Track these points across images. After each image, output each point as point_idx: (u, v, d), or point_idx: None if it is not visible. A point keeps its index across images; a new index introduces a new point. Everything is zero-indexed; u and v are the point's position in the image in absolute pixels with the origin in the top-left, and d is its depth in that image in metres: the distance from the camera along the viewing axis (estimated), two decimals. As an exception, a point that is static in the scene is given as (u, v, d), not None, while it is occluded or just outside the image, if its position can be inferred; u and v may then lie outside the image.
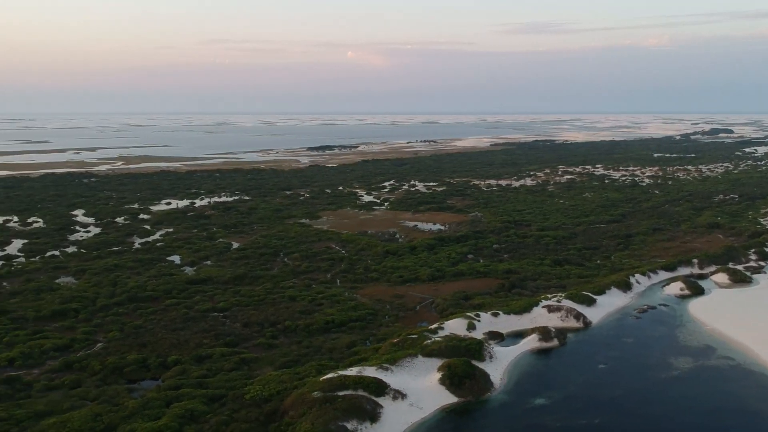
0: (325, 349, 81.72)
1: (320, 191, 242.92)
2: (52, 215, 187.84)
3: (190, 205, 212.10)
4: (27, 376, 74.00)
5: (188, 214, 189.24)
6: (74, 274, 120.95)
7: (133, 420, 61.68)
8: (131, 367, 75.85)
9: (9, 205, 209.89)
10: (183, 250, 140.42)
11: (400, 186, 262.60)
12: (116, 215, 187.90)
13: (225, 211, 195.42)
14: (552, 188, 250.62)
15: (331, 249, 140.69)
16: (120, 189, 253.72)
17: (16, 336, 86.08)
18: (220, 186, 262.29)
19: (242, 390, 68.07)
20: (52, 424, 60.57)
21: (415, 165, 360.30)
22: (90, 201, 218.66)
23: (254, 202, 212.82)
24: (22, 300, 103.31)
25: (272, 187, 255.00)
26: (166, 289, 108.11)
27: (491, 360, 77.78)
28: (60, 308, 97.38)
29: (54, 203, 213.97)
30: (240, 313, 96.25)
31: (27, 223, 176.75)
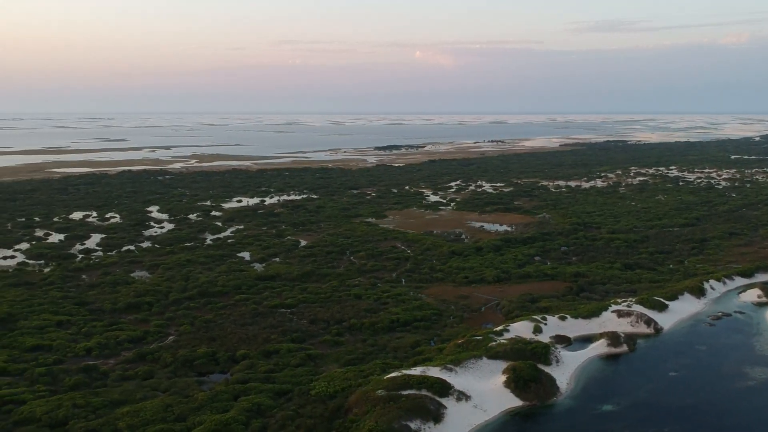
0: (389, 348, 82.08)
1: (387, 191, 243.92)
2: (128, 211, 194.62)
3: (260, 202, 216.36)
4: (103, 365, 76.83)
5: (258, 212, 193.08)
6: (148, 268, 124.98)
7: (202, 412, 63.32)
8: (201, 360, 77.87)
9: (88, 201, 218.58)
10: (253, 246, 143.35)
11: (466, 186, 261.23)
12: (189, 212, 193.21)
13: (293, 209, 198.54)
14: (623, 190, 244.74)
15: (397, 248, 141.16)
16: (193, 186, 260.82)
17: (93, 327, 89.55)
18: (289, 184, 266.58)
19: (308, 386, 69.03)
20: (125, 413, 62.73)
21: (482, 165, 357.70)
22: (164, 198, 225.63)
23: (322, 201, 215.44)
24: (100, 292, 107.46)
25: (339, 186, 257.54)
26: (235, 284, 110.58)
27: (558, 364, 76.58)
28: (135, 301, 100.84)
29: (130, 200, 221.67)
30: (307, 310, 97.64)
31: (105, 219, 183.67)
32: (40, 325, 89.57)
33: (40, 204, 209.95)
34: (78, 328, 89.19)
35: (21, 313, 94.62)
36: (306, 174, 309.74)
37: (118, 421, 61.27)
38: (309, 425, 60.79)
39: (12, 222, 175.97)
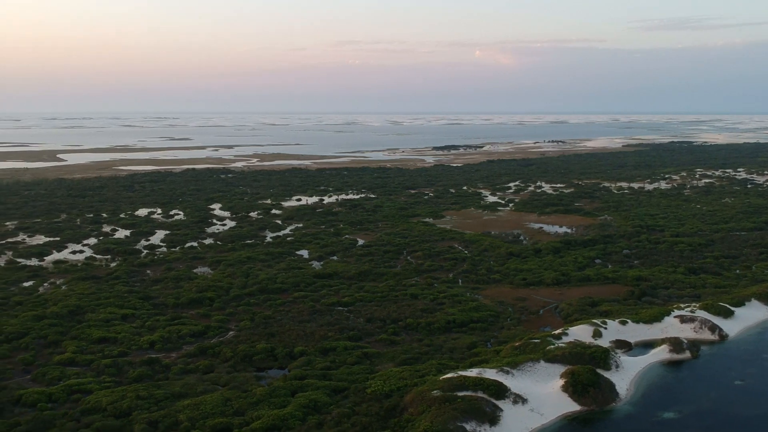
0: (445, 349, 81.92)
1: (444, 191, 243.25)
2: (191, 208, 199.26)
3: (319, 201, 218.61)
4: (165, 358, 78.89)
5: (317, 211, 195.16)
6: (210, 264, 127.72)
7: (261, 407, 64.41)
8: (260, 355, 79.23)
9: (154, 197, 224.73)
10: (311, 245, 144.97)
11: (525, 187, 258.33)
12: (250, 210, 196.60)
13: (351, 208, 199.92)
14: (688, 192, 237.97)
15: (454, 249, 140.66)
16: (254, 185, 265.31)
17: (157, 321, 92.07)
18: (347, 184, 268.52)
19: (364, 384, 69.48)
20: (186, 406, 64.31)
21: (541, 166, 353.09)
22: (226, 196, 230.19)
23: (380, 200, 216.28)
24: (163, 287, 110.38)
25: (397, 186, 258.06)
26: (294, 282, 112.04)
27: (617, 369, 75.13)
28: (197, 296, 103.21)
29: (194, 197, 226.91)
30: (363, 309, 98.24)
31: (169, 215, 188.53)
32: (107, 318, 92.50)
33: (107, 201, 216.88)
34: (142, 322, 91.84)
35: (89, 306, 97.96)
36: (364, 173, 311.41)
37: (179, 413, 62.87)
38: (364, 423, 61.22)
39: (81, 218, 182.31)
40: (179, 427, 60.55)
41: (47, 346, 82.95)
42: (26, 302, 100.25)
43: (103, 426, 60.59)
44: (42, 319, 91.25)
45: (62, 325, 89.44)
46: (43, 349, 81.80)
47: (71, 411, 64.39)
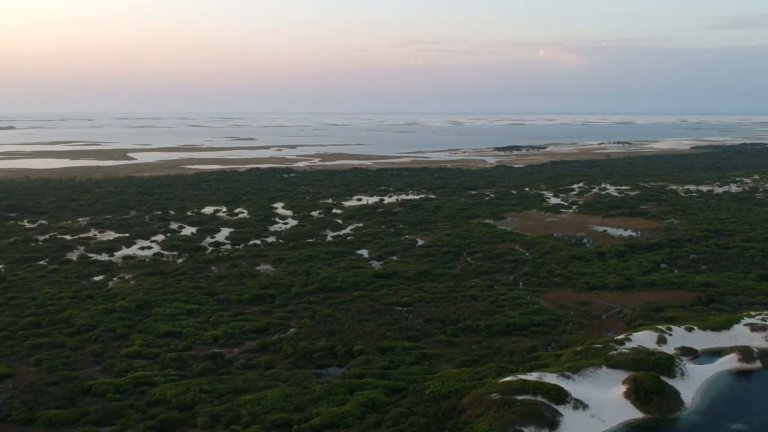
0: (505, 352, 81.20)
1: (506, 192, 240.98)
2: (255, 207, 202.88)
3: (380, 201, 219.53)
4: (228, 353, 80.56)
5: (377, 211, 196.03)
6: (272, 262, 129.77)
7: (320, 404, 65.11)
8: (320, 353, 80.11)
9: (219, 196, 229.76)
10: (371, 244, 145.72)
11: (589, 189, 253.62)
12: (311, 209, 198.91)
13: (412, 208, 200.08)
14: (761, 196, 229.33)
15: (515, 251, 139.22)
16: (316, 184, 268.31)
17: (220, 316, 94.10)
18: (407, 184, 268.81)
19: (422, 384, 69.50)
20: (248, 400, 65.54)
21: (606, 167, 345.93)
22: (288, 195, 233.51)
23: (440, 201, 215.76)
24: (227, 284, 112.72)
25: (458, 187, 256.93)
26: (354, 281, 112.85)
27: (683, 377, 73.08)
28: (259, 293, 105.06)
29: (257, 196, 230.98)
30: (422, 309, 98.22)
31: (234, 214, 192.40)
32: (172, 313, 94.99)
33: (175, 198, 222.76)
34: (206, 317, 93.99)
35: (156, 300, 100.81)
36: (425, 174, 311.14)
37: (241, 408, 64.12)
38: (422, 423, 61.25)
39: (149, 215, 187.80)
40: (240, 422, 61.78)
41: (116, 338, 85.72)
42: (96, 296, 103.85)
43: (167, 418, 62.30)
44: (111, 312, 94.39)
45: (130, 318, 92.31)
46: (111, 342, 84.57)
47: (137, 402, 66.40)
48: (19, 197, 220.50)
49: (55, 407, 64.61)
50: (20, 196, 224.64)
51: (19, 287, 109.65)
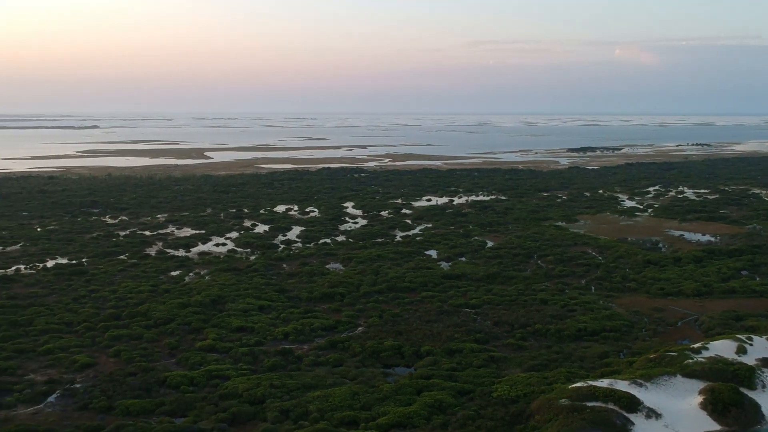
0: (575, 357, 79.74)
1: (578, 194, 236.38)
2: (326, 206, 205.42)
3: (449, 202, 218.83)
4: (298, 350, 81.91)
5: (446, 211, 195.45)
6: (342, 261, 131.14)
7: (387, 403, 65.46)
8: (387, 352, 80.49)
9: (292, 195, 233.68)
10: (440, 245, 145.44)
11: (666, 192, 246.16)
12: (381, 209, 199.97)
13: (481, 209, 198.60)
14: None
15: (588, 254, 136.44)
16: (386, 184, 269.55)
17: (291, 313, 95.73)
18: (477, 185, 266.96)
19: (490, 387, 69.00)
20: (316, 397, 66.49)
21: (684, 170, 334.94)
22: (359, 194, 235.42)
23: (510, 202, 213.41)
24: (298, 281, 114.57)
25: (529, 188, 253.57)
26: (422, 281, 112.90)
27: (764, 390, 70.15)
28: (328, 292, 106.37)
29: (328, 195, 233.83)
30: (491, 312, 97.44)
31: (305, 212, 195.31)
32: (245, 308, 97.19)
33: (249, 197, 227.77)
34: (277, 314, 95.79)
35: (229, 296, 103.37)
36: (495, 175, 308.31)
37: (309, 404, 65.11)
38: (489, 427, 60.84)
39: (224, 212, 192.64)
40: (309, 418, 62.74)
41: (191, 332, 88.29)
42: (173, 290, 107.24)
43: (239, 411, 63.84)
44: (187, 306, 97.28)
45: (204, 313, 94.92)
46: (186, 335, 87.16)
47: (210, 395, 68.25)
48: (102, 194, 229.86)
49: (133, 397, 67.08)
50: (103, 192, 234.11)
51: (101, 280, 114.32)
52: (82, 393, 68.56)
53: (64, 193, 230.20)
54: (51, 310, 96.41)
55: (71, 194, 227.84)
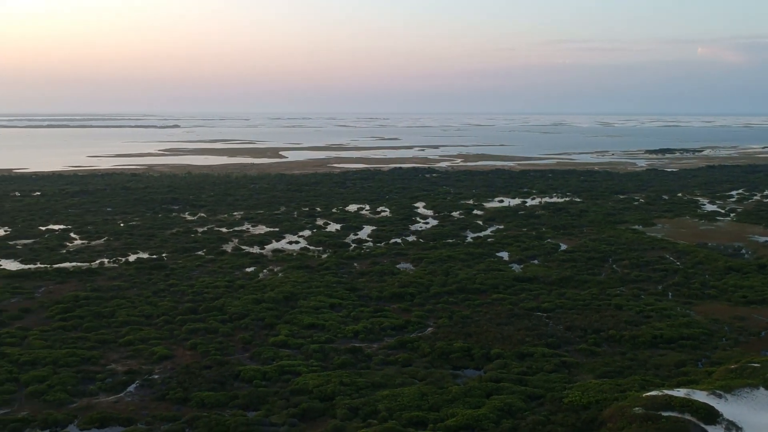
0: (650, 365, 77.58)
1: (656, 197, 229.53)
2: (397, 206, 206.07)
3: (522, 203, 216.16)
4: (367, 349, 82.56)
5: (519, 213, 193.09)
6: (412, 261, 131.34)
7: (455, 405, 65.27)
8: (456, 354, 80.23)
9: (363, 194, 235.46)
10: (512, 247, 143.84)
11: (750, 196, 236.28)
12: (452, 209, 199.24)
13: (555, 211, 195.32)
14: None
15: (665, 259, 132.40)
16: (457, 185, 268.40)
17: (361, 312, 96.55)
18: (551, 186, 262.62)
19: (561, 393, 67.88)
20: (385, 396, 66.89)
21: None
22: (430, 195, 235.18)
23: (585, 205, 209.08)
24: (368, 280, 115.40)
25: (605, 190, 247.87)
26: (493, 283, 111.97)
27: None
28: (398, 291, 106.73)
29: (399, 195, 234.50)
30: (563, 316, 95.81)
31: (376, 212, 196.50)
32: (316, 306, 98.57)
33: (321, 195, 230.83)
34: (348, 312, 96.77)
35: (301, 293, 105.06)
36: (570, 176, 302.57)
37: (378, 402, 65.56)
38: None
39: (298, 211, 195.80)
40: (377, 416, 63.17)
41: (264, 327, 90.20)
42: (248, 286, 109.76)
43: (309, 407, 64.86)
44: (260, 302, 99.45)
45: (277, 309, 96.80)
46: (260, 330, 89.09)
47: (281, 390, 69.55)
48: (181, 191, 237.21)
49: (207, 389, 69.02)
50: (183, 190, 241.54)
51: (179, 275, 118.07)
52: (159, 384, 70.92)
53: (146, 190, 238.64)
54: (132, 302, 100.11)
55: (153, 191, 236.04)
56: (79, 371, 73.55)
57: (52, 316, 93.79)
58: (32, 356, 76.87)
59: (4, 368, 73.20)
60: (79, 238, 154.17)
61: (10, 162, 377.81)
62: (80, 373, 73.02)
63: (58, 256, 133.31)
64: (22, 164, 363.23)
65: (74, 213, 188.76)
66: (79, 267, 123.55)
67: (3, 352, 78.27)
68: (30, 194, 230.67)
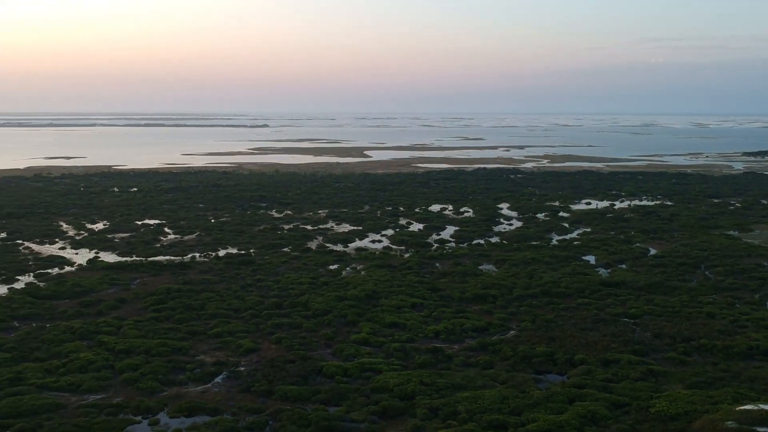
0: (744, 377, 74.11)
1: (754, 201, 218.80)
2: (480, 207, 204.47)
3: (610, 206, 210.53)
4: (448, 349, 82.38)
5: (606, 216, 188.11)
6: (495, 263, 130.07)
7: (537, 410, 64.30)
8: (539, 358, 79.01)
9: (446, 195, 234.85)
10: (598, 251, 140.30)
11: None
12: (537, 211, 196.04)
13: (645, 215, 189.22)
14: None
15: (762, 266, 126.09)
16: (543, 186, 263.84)
17: (442, 312, 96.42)
18: (641, 189, 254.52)
19: (647, 402, 65.87)
20: (465, 397, 66.59)
21: None
22: (514, 196, 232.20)
23: (677, 208, 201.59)
24: (450, 281, 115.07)
25: (698, 194, 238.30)
26: (578, 287, 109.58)
27: None
28: (480, 293, 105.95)
29: (483, 195, 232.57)
30: (652, 323, 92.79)
31: (459, 212, 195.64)
32: (398, 305, 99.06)
33: (404, 195, 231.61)
34: (429, 312, 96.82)
35: (383, 292, 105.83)
36: (661, 179, 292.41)
37: (458, 404, 65.34)
38: (645, 443, 58.13)
39: (381, 210, 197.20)
40: (457, 417, 63.01)
41: (346, 324, 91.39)
42: (331, 283, 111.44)
43: (389, 405, 65.34)
44: (343, 300, 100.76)
45: (359, 307, 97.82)
46: (342, 327, 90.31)
47: (362, 387, 70.32)
48: (269, 189, 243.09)
49: (291, 383, 70.53)
50: (270, 188, 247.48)
51: (266, 271, 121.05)
52: (245, 376, 72.97)
53: (236, 188, 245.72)
54: (221, 296, 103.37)
55: (242, 189, 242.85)
56: (170, 361, 76.57)
57: (146, 307, 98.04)
58: (127, 345, 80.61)
59: (101, 356, 77.08)
60: (173, 232, 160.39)
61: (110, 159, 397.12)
62: (171, 363, 75.99)
63: (153, 250, 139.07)
64: (121, 161, 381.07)
65: (168, 209, 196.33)
66: (171, 260, 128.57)
67: (101, 341, 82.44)
68: (128, 190, 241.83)
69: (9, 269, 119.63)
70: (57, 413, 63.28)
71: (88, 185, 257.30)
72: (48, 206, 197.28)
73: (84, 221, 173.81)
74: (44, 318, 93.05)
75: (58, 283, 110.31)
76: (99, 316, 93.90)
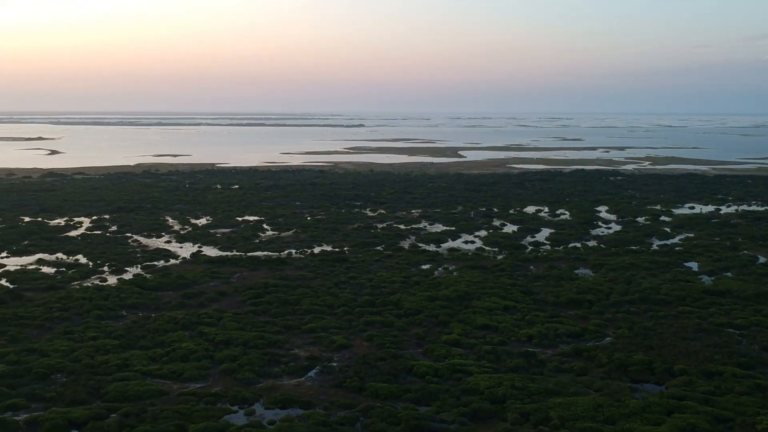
0: None
1: None
2: (577, 209, 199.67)
3: (715, 211, 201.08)
4: (541, 354, 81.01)
5: (712, 221, 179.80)
6: (592, 267, 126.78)
7: (632, 420, 62.37)
8: (636, 367, 76.53)
9: (542, 196, 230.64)
10: (702, 257, 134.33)
11: None
12: (637, 215, 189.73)
13: (754, 221, 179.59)
14: None
15: None
16: (644, 189, 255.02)
17: (536, 316, 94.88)
18: (750, 193, 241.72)
19: (753, 418, 62.67)
20: (558, 404, 65.32)
21: None
22: (613, 199, 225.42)
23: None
24: (544, 284, 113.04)
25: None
26: (680, 295, 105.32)
27: None
28: (576, 297, 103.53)
29: (580, 198, 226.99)
30: (759, 335, 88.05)
31: (555, 214, 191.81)
32: (490, 307, 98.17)
33: (499, 196, 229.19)
34: (522, 315, 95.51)
35: (475, 293, 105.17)
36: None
37: (550, 410, 64.18)
38: (749, 461, 55.33)
39: (474, 210, 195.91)
40: (549, 423, 61.93)
41: (437, 325, 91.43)
42: (423, 283, 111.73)
43: (479, 408, 64.96)
44: (435, 300, 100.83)
45: (451, 307, 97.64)
46: (433, 327, 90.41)
47: (452, 388, 70.19)
48: (364, 188, 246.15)
49: (382, 381, 71.26)
50: (365, 187, 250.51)
51: (359, 269, 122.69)
52: (337, 371, 74.30)
53: (332, 186, 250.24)
54: (315, 292, 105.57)
55: (337, 187, 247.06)
56: (266, 353, 78.91)
57: (244, 301, 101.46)
58: (226, 336, 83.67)
59: (202, 346, 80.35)
60: (271, 229, 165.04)
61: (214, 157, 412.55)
62: (266, 356, 78.31)
63: (252, 245, 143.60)
64: (224, 159, 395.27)
65: (267, 206, 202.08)
66: (269, 256, 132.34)
67: (201, 331, 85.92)
68: (229, 187, 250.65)
69: (119, 261, 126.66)
70: (160, 399, 66.50)
71: (193, 182, 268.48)
72: (155, 201, 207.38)
73: (188, 216, 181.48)
74: (150, 308, 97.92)
75: (164, 275, 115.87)
76: (200, 307, 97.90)
